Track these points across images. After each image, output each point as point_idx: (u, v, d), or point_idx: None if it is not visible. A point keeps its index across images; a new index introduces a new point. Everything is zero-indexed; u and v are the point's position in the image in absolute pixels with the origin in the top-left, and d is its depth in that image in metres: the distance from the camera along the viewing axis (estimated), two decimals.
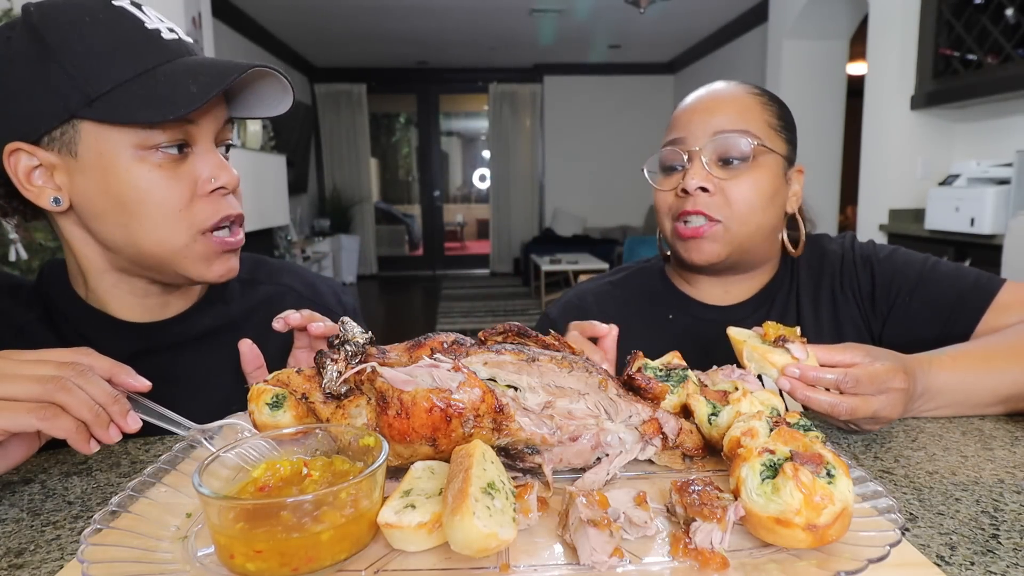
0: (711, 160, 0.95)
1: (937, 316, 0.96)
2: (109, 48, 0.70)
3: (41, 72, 0.69)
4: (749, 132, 0.94)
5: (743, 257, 0.99)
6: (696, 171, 0.94)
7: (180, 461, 0.62)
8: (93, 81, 0.69)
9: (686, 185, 0.94)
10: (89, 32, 0.70)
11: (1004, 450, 0.71)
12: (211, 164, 0.75)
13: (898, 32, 3.62)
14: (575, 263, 6.82)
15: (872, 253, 1.04)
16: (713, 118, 0.95)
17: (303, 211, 8.00)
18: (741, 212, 0.94)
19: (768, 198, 0.95)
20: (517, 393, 0.59)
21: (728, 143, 0.94)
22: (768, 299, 1.05)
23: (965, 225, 3.02)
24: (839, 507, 0.45)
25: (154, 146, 0.71)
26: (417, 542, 0.48)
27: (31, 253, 1.97)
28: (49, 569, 0.51)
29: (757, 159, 0.95)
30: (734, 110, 0.96)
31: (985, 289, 0.94)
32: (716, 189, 0.94)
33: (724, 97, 0.98)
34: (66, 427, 0.56)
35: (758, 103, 0.98)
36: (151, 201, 0.72)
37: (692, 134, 0.96)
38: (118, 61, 0.70)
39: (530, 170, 9.36)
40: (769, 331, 0.72)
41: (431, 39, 7.42)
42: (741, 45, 6.57)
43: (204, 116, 0.75)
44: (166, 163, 0.72)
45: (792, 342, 0.70)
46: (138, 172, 0.71)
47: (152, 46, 0.72)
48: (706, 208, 0.94)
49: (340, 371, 0.58)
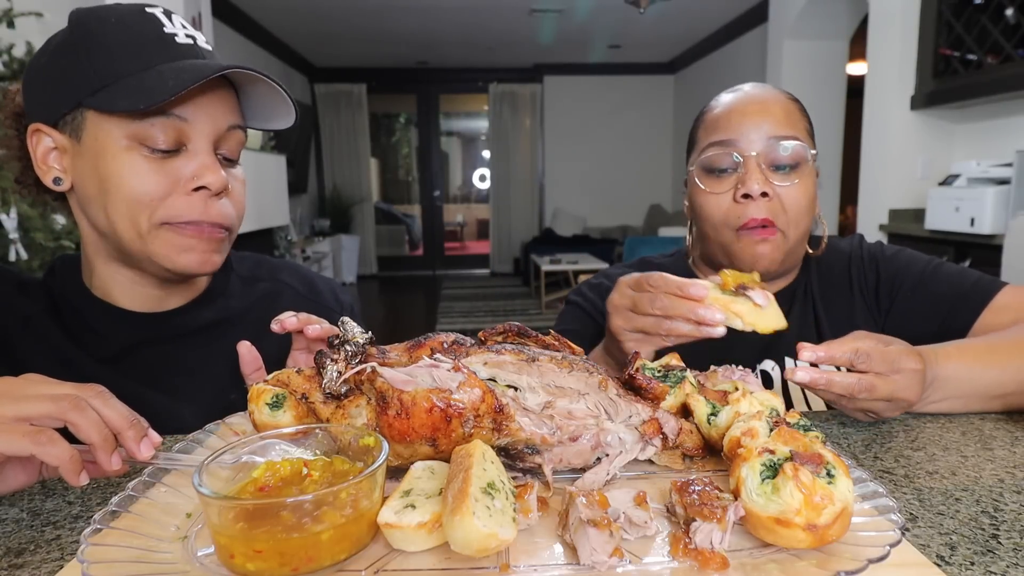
0: (766, 165, 0.95)
1: (936, 312, 0.97)
2: (122, 45, 0.74)
3: (65, 62, 0.75)
4: (798, 138, 0.95)
5: (788, 261, 1.00)
6: (757, 175, 0.93)
7: (180, 461, 0.62)
8: (101, 73, 0.73)
9: (749, 190, 0.92)
10: (111, 30, 0.75)
11: (1004, 450, 0.71)
12: (197, 164, 0.77)
13: (898, 32, 3.62)
14: (575, 263, 6.82)
15: (879, 251, 1.06)
16: (765, 121, 0.94)
17: (303, 211, 8.00)
18: (795, 218, 0.95)
19: (813, 203, 0.97)
20: (517, 393, 0.59)
21: (781, 148, 0.94)
22: (788, 300, 1.06)
23: (965, 225, 3.02)
24: (839, 507, 0.45)
25: (147, 140, 0.74)
26: (417, 542, 0.48)
27: (31, 253, 1.97)
28: (49, 569, 0.51)
29: (801, 166, 0.95)
30: (783, 114, 0.95)
31: (985, 289, 0.95)
32: (774, 195, 0.94)
33: (772, 100, 0.97)
34: (59, 455, 0.53)
35: (797, 109, 0.99)
36: (125, 186, 0.75)
37: (745, 136, 0.95)
38: (125, 57, 0.74)
39: (530, 170, 9.35)
40: (728, 280, 0.72)
41: (431, 39, 7.43)
42: (741, 45, 6.57)
43: (199, 117, 0.76)
44: (154, 156, 0.75)
45: (752, 289, 0.70)
46: (124, 159, 0.75)
47: (161, 46, 0.75)
48: (771, 215, 0.93)
49: (340, 371, 0.58)
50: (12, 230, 1.91)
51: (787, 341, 1.03)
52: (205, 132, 0.77)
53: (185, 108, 0.75)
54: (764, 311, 0.70)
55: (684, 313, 0.71)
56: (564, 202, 9.36)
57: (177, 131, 0.75)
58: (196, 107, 0.75)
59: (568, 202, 9.34)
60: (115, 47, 0.74)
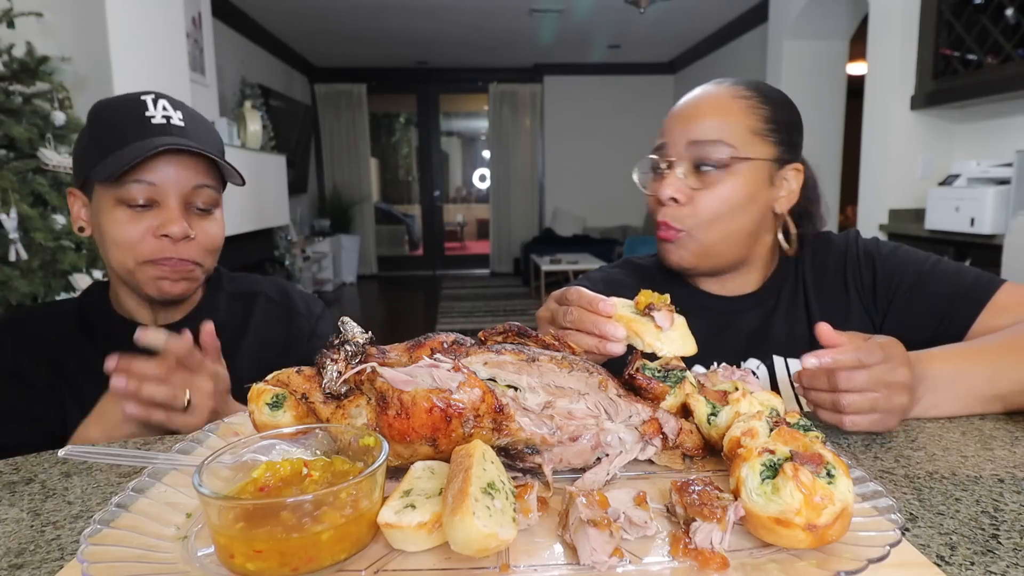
0: (687, 170, 0.98)
1: (935, 312, 0.96)
2: (110, 129, 0.96)
3: (81, 145, 1.00)
4: (723, 141, 0.95)
5: (717, 261, 1.01)
6: (669, 181, 0.98)
7: (180, 461, 0.62)
8: (98, 150, 0.95)
9: (659, 194, 0.98)
10: (109, 115, 0.98)
11: (1004, 450, 0.71)
12: (164, 218, 0.96)
13: (898, 32, 3.61)
14: (575, 263, 6.82)
15: (875, 249, 1.05)
16: (690, 126, 0.97)
17: (303, 211, 8.00)
18: (705, 221, 0.97)
19: (739, 206, 0.97)
20: (517, 393, 0.59)
21: (701, 153, 0.96)
22: (774, 292, 1.07)
23: (965, 225, 3.02)
24: (839, 507, 0.45)
25: (126, 199, 0.95)
26: (417, 542, 0.48)
27: (31, 253, 1.97)
28: (49, 569, 0.51)
29: (732, 167, 0.95)
30: (713, 117, 0.96)
31: (984, 288, 0.94)
32: (687, 199, 0.97)
33: (705, 103, 0.99)
34: None
35: (743, 107, 0.97)
36: (112, 233, 0.96)
37: (673, 142, 0.99)
38: (110, 138, 0.95)
39: (530, 170, 9.35)
40: (640, 300, 0.72)
41: (431, 39, 7.42)
42: (741, 45, 6.56)
43: (166, 180, 0.95)
44: (133, 211, 0.96)
45: (659, 310, 0.70)
46: (112, 214, 0.96)
47: (138, 126, 0.96)
48: (673, 220, 0.98)
49: (340, 371, 0.58)
50: (12, 230, 1.91)
51: (776, 339, 1.03)
52: (172, 192, 0.96)
53: (154, 174, 0.95)
54: (667, 334, 0.69)
55: (589, 327, 0.74)
56: (564, 202, 9.35)
57: (149, 192, 0.95)
58: (163, 173, 0.95)
59: (568, 202, 9.33)
60: (106, 131, 0.96)
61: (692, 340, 0.70)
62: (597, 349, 0.73)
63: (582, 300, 0.76)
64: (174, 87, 3.29)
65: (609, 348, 0.73)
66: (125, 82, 2.77)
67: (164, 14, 3.25)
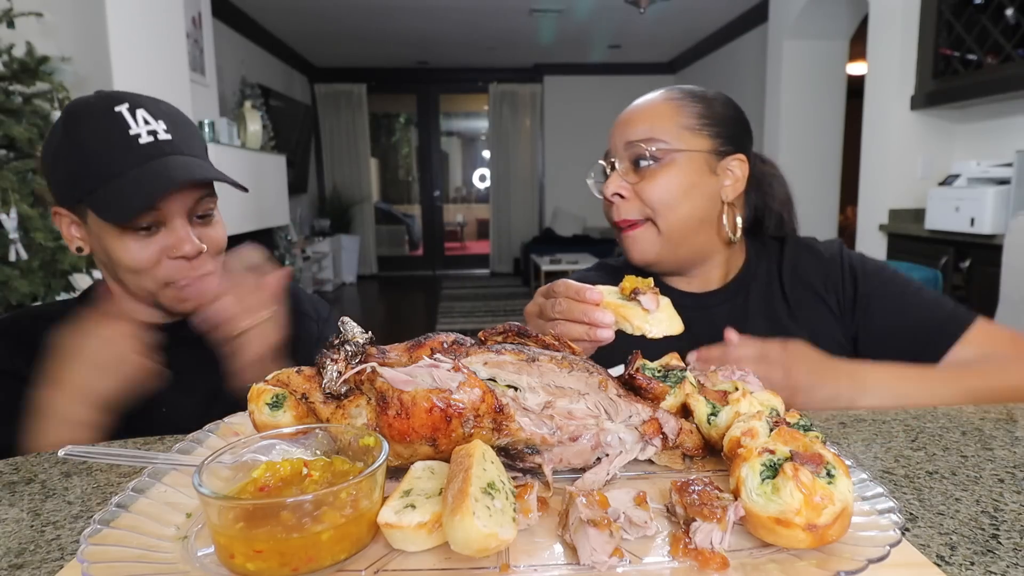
0: (627, 168, 1.05)
1: (911, 339, 1.00)
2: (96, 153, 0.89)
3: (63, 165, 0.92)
4: (655, 138, 1.02)
5: (677, 252, 1.05)
6: (611, 180, 1.05)
7: (180, 461, 0.62)
8: (90, 175, 0.89)
9: (605, 192, 1.06)
10: (87, 136, 0.90)
11: (1004, 450, 0.71)
12: (176, 237, 0.94)
13: (898, 32, 3.62)
14: (575, 263, 6.81)
15: (860, 265, 1.07)
16: (627, 130, 1.05)
17: (303, 211, 8.00)
18: (661, 203, 1.02)
19: (680, 193, 1.02)
20: (517, 393, 0.59)
21: (637, 151, 1.03)
22: (743, 288, 1.09)
23: (965, 225, 3.02)
24: (839, 507, 0.45)
25: (132, 225, 0.91)
26: (417, 542, 0.48)
27: (31, 253, 1.97)
28: (49, 569, 0.51)
29: (665, 159, 1.02)
30: (644, 121, 1.04)
31: (959, 322, 0.98)
32: (631, 194, 1.04)
33: (639, 109, 1.07)
34: None
35: (671, 108, 1.04)
36: (125, 259, 0.93)
37: (614, 146, 1.07)
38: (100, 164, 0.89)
39: (530, 170, 9.35)
40: (626, 285, 0.74)
41: (431, 39, 7.42)
42: (741, 45, 6.56)
43: (170, 203, 0.91)
44: (140, 235, 0.92)
45: (644, 293, 0.71)
46: (119, 242, 0.92)
47: (128, 150, 0.90)
48: (627, 214, 1.04)
49: (340, 371, 0.58)
50: (12, 230, 1.91)
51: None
52: (177, 211, 0.93)
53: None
54: (654, 316, 0.71)
55: (578, 316, 0.76)
56: (564, 202, 9.35)
57: (155, 217, 0.92)
58: (166, 197, 0.91)
59: (568, 202, 9.33)
60: (92, 155, 0.90)
61: (679, 319, 0.72)
62: (587, 336, 0.75)
63: (569, 290, 0.78)
64: (174, 87, 3.29)
65: (599, 334, 0.74)
66: (125, 82, 2.77)
67: (164, 14, 3.25)
